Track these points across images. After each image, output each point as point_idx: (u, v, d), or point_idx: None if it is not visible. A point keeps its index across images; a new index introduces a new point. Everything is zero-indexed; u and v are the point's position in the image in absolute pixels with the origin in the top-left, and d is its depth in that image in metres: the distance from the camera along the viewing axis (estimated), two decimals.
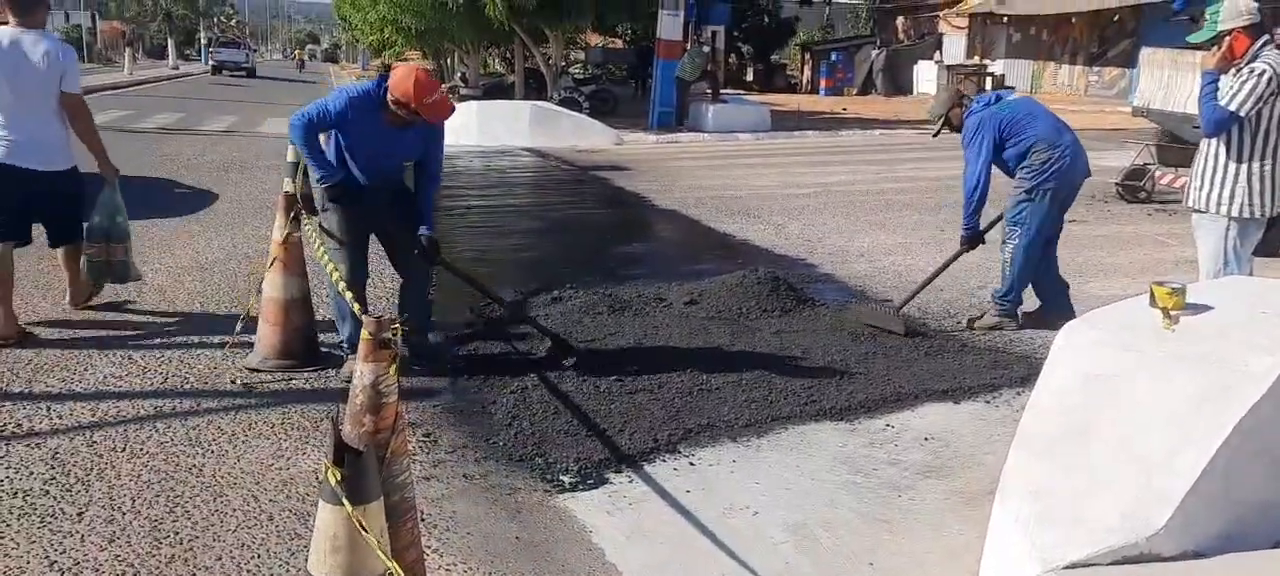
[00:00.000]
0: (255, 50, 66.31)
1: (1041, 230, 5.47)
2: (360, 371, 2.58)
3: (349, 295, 3.54)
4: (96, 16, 64.40)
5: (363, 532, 1.81)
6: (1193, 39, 4.90)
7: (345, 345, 4.65)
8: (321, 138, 4.47)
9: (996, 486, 3.59)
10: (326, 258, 4.17)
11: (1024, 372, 4.79)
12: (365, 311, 4.63)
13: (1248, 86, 4.41)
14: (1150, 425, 2.75)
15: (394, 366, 2.61)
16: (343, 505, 2.00)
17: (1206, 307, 3.18)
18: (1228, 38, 4.55)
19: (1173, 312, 3.14)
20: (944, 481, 3.69)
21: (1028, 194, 5.42)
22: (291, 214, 4.76)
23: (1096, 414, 2.90)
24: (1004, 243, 5.60)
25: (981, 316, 5.76)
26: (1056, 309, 5.52)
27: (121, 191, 5.64)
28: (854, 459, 3.87)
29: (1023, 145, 5.40)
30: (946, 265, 5.84)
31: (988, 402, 4.48)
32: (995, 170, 5.53)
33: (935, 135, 5.99)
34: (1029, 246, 5.48)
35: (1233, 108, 4.45)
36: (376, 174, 4.54)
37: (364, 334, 2.56)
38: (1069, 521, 2.69)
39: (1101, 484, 2.73)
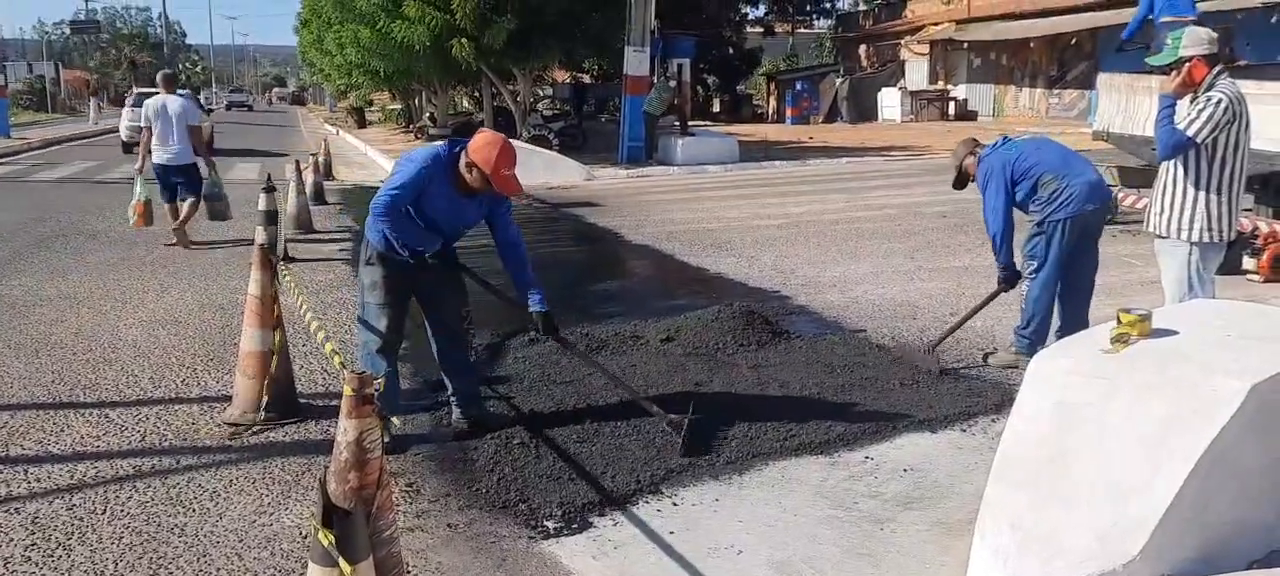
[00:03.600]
0: (252, 94, 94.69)
1: (1058, 263, 5.37)
2: (343, 427, 2.60)
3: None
4: (59, 67, 63.88)
5: None
6: (1153, 61, 5.02)
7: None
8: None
9: (976, 516, 3.66)
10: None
11: (997, 400, 4.86)
12: (394, 373, 4.60)
13: (1205, 114, 4.52)
14: (1123, 452, 2.82)
15: (378, 422, 2.64)
16: (333, 566, 2.02)
17: (1173, 332, 3.26)
18: (1188, 64, 4.65)
19: (1129, 337, 3.22)
20: (924, 512, 3.73)
21: (1038, 226, 5.39)
22: (271, 268, 4.74)
23: (1071, 442, 2.96)
24: (1024, 279, 5.54)
25: (995, 352, 5.68)
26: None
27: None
28: (835, 493, 3.90)
29: (1032, 179, 5.37)
30: (982, 305, 5.78)
31: (964, 431, 4.54)
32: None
33: (955, 186, 5.92)
34: (1047, 280, 5.41)
35: (1190, 134, 4.56)
36: (435, 239, 4.36)
37: (346, 390, 2.58)
38: (1047, 551, 2.74)
39: (1077, 512, 2.78)
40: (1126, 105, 8.79)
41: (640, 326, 6.31)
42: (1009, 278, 5.54)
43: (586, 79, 36.92)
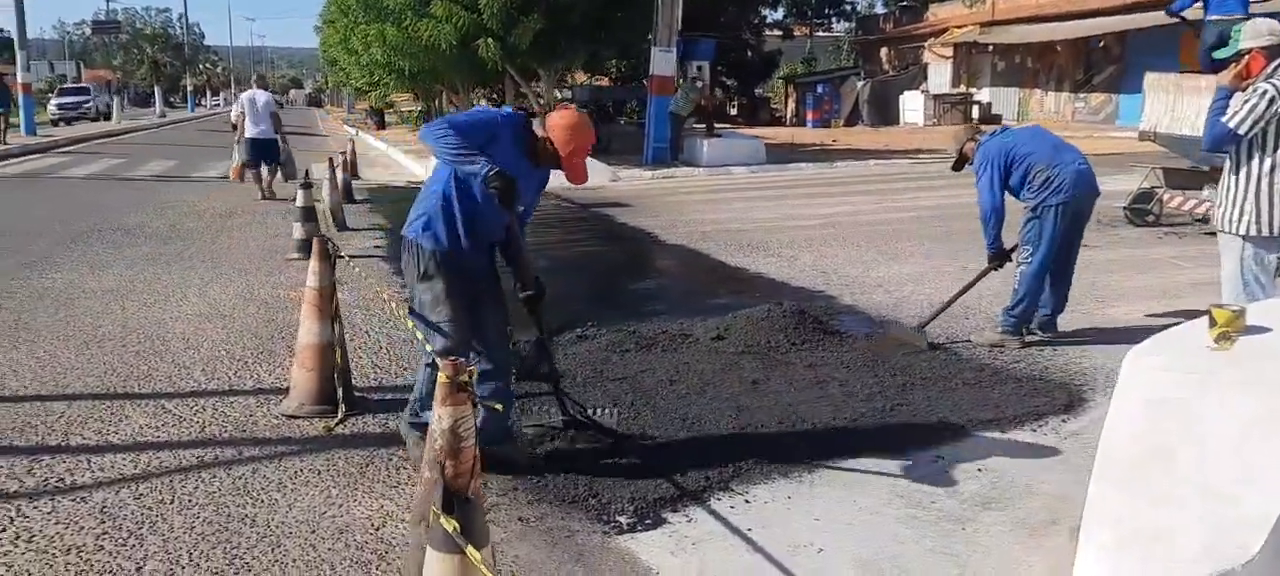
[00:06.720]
0: (286, 95, 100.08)
1: (1051, 248, 5.68)
2: (438, 415, 2.55)
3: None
4: (81, 66, 64.34)
5: None
6: (1218, 55, 4.93)
7: (413, 423, 4.03)
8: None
9: (1057, 516, 3.59)
10: (424, 335, 3.78)
11: (1066, 400, 4.79)
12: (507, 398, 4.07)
13: (1248, 105, 4.41)
14: (1227, 450, 2.73)
15: (472, 410, 2.59)
16: (456, 553, 1.96)
17: (1264, 329, 3.18)
18: (1246, 57, 4.57)
19: (1232, 333, 3.14)
20: (1004, 512, 3.65)
21: (1033, 211, 5.72)
22: (329, 260, 4.70)
23: (1169, 440, 2.87)
24: (1018, 263, 5.85)
25: (983, 332, 6.03)
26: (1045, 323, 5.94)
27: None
28: (910, 492, 3.83)
29: (1024, 168, 5.73)
30: (972, 284, 6.15)
31: (1034, 430, 4.46)
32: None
33: (954, 168, 6.31)
34: (1041, 264, 5.72)
35: (1232, 126, 4.46)
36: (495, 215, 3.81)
37: (441, 377, 2.53)
38: (1156, 550, 2.66)
39: (1185, 511, 2.70)
40: (1174, 105, 8.69)
41: (688, 324, 6.23)
42: (997, 256, 5.92)
43: (605, 81, 36.87)
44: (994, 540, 3.45)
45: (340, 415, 4.60)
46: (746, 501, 3.75)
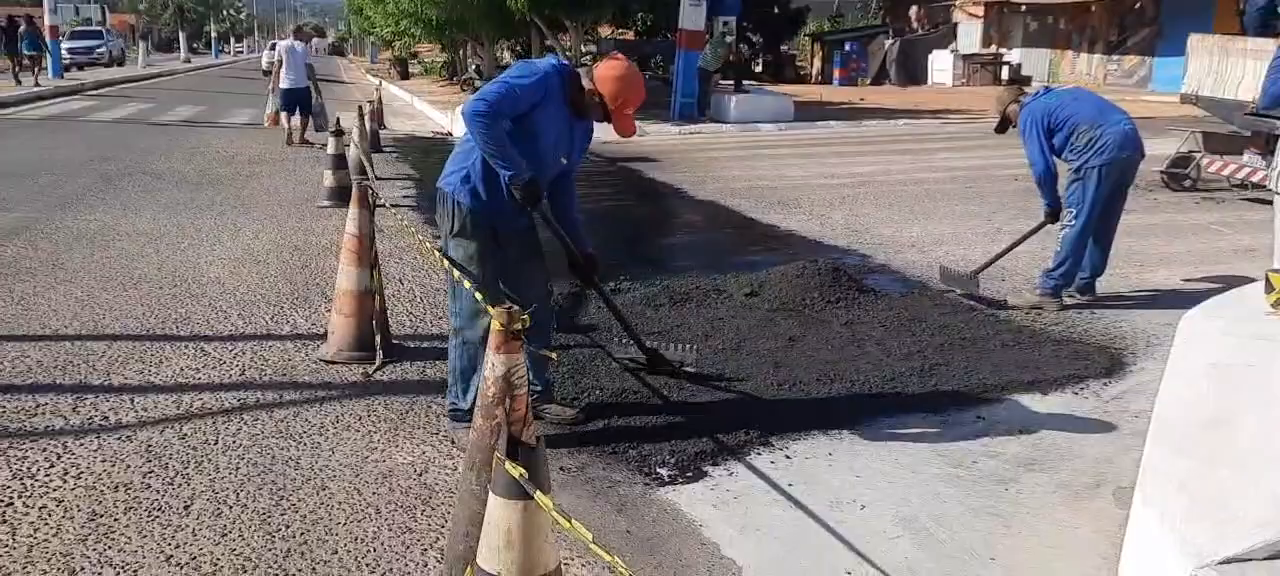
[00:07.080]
0: (312, 40, 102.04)
1: (1094, 209, 5.62)
2: (491, 363, 2.55)
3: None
4: (106, 10, 64.34)
5: (567, 524, 1.75)
6: None
7: (454, 414, 3.84)
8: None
9: (1101, 479, 3.57)
10: (466, 278, 3.57)
11: (1107, 363, 4.74)
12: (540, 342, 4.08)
13: None
14: None
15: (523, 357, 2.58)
16: (521, 499, 1.95)
17: None
18: None
19: None
20: (1047, 474, 3.62)
21: (1076, 173, 5.65)
22: (368, 206, 4.68)
23: (1234, 404, 2.85)
24: (1062, 226, 5.78)
25: (1021, 294, 5.97)
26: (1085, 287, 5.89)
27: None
28: (951, 452, 3.81)
29: (1068, 129, 5.65)
30: (1027, 236, 6.14)
31: (1075, 393, 4.42)
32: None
33: (998, 131, 6.24)
34: (1084, 225, 5.65)
35: None
36: (541, 168, 3.63)
37: (494, 325, 2.52)
38: (1219, 515, 2.63)
39: (1249, 475, 2.67)
40: (1218, 67, 8.52)
41: (721, 281, 6.20)
42: (1053, 212, 5.86)
43: (630, 35, 36.50)
44: (1038, 501, 3.42)
45: (378, 361, 4.61)
46: (787, 457, 3.74)
